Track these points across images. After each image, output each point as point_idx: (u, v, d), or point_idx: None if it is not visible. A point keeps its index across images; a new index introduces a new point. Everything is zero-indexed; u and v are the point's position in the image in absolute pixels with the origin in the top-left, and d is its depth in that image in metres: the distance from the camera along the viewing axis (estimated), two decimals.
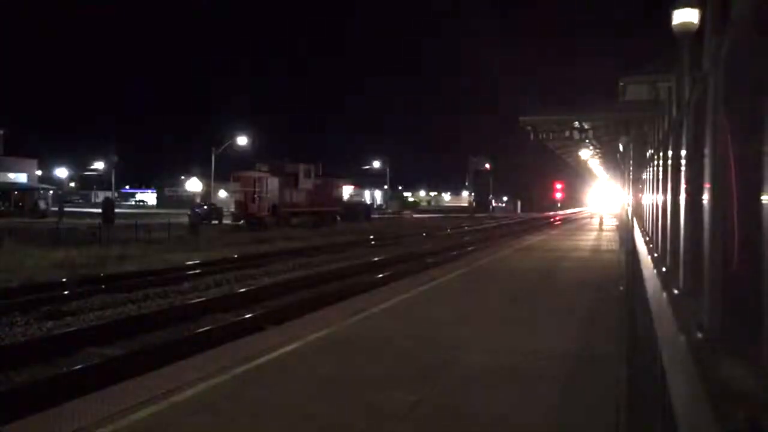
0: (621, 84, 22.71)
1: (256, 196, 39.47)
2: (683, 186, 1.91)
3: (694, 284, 1.58)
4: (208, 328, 11.13)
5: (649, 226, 4.51)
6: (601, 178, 40.03)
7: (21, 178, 57.09)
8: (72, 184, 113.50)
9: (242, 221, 39.41)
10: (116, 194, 76.27)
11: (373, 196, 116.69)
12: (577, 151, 29.80)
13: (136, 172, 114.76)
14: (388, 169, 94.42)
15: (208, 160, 55.17)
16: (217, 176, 56.46)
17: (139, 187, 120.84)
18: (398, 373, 6.50)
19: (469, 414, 5.33)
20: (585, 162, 35.18)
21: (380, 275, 18.71)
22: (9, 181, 55.43)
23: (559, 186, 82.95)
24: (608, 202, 38.54)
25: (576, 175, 55.26)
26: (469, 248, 29.84)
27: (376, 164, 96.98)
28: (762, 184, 0.92)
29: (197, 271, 18.91)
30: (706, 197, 1.35)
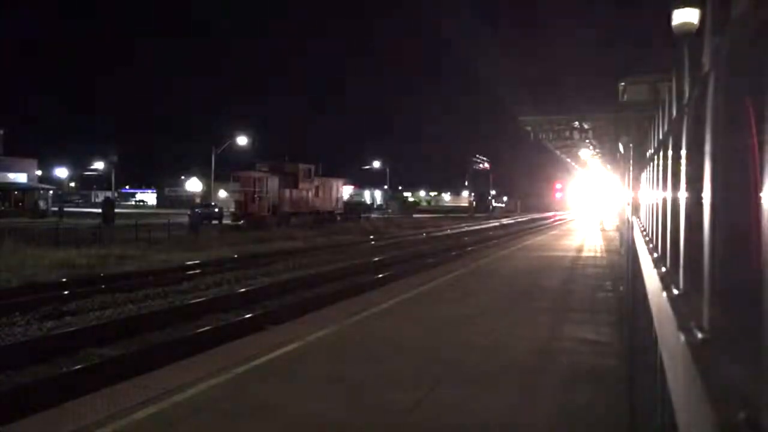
0: (621, 84, 22.73)
1: (256, 196, 39.47)
2: (683, 186, 1.91)
3: (694, 284, 1.58)
4: (208, 328, 11.13)
5: (649, 226, 4.51)
6: (601, 178, 40.01)
7: (21, 178, 56.99)
8: (72, 184, 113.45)
9: (242, 221, 39.43)
10: (116, 194, 76.20)
11: (373, 196, 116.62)
12: (577, 151, 29.82)
13: (136, 172, 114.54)
14: (388, 169, 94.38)
15: (208, 160, 55.14)
16: (217, 176, 56.45)
17: (139, 187, 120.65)
18: (399, 372, 6.50)
19: (470, 413, 5.33)
20: (585, 162, 35.19)
21: (380, 275, 18.71)
22: (9, 181, 55.37)
23: (559, 186, 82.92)
24: (608, 201, 38.53)
25: (576, 176, 55.24)
26: (469, 248, 29.85)
27: (376, 164, 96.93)
28: (762, 183, 0.92)
29: (197, 271, 18.92)
30: (706, 197, 1.35)
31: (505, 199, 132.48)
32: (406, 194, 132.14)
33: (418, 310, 10.29)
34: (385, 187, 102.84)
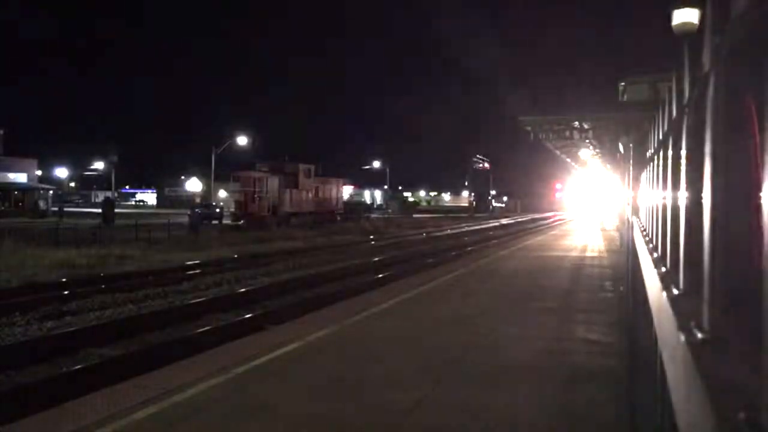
0: (621, 84, 22.73)
1: (256, 196, 39.49)
2: (683, 186, 1.91)
3: (694, 284, 1.58)
4: (208, 328, 11.13)
5: (649, 226, 4.51)
6: (601, 178, 40.06)
7: (21, 178, 57.00)
8: (72, 184, 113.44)
9: (242, 221, 39.45)
10: (116, 194, 76.18)
11: (373, 196, 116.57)
12: (577, 151, 29.82)
13: (136, 172, 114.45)
14: (388, 169, 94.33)
15: (208, 160, 55.17)
16: (217, 176, 56.46)
17: (139, 187, 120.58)
18: (399, 372, 6.49)
19: (471, 412, 5.33)
20: (585, 162, 35.19)
21: (380, 275, 18.71)
22: (9, 181, 55.39)
23: (559, 186, 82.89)
24: (608, 201, 38.57)
25: (577, 176, 55.30)
26: (469, 248, 29.86)
27: (376, 164, 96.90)
28: (762, 183, 0.92)
29: (197, 271, 18.92)
30: (706, 197, 1.35)
31: (505, 199, 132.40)
32: (406, 194, 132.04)
33: (418, 310, 10.29)
34: (385, 187, 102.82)
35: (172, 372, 6.62)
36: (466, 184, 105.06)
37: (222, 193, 70.13)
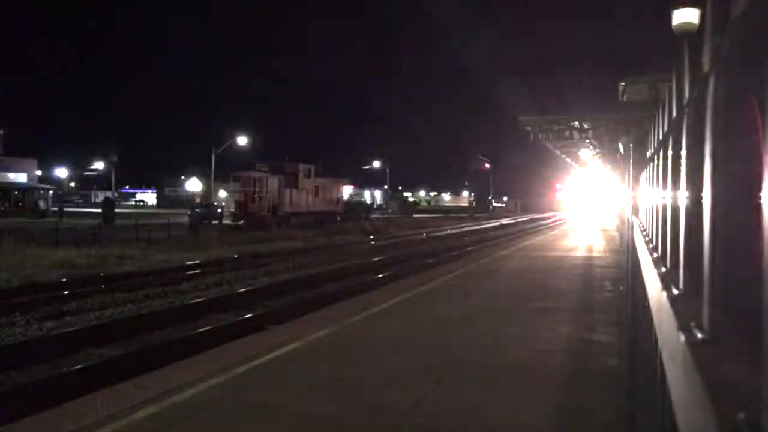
0: (621, 84, 22.76)
1: (256, 196, 39.50)
2: (683, 186, 1.91)
3: (694, 284, 1.58)
4: (208, 328, 11.13)
5: (648, 226, 4.51)
6: (601, 178, 40.04)
7: (21, 178, 57.01)
8: (72, 184, 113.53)
9: (242, 221, 39.46)
10: (116, 194, 76.18)
11: (373, 196, 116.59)
12: (577, 151, 29.85)
13: (136, 172, 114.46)
14: (388, 169, 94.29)
15: (208, 160, 55.18)
16: (217, 176, 56.48)
17: (139, 187, 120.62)
18: (399, 372, 6.50)
19: (470, 413, 5.33)
20: (585, 162, 35.22)
21: (380, 275, 18.71)
22: (9, 181, 55.40)
23: (559, 186, 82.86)
24: (608, 201, 38.55)
25: (576, 176, 55.31)
26: (469, 248, 29.85)
27: (376, 164, 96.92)
28: (762, 183, 0.92)
29: (197, 271, 18.93)
30: (706, 197, 1.35)
31: (505, 199, 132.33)
32: (406, 194, 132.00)
33: (418, 310, 10.29)
34: (385, 187, 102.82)
35: (172, 372, 6.63)
36: (466, 184, 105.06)
37: (222, 193, 70.18)
